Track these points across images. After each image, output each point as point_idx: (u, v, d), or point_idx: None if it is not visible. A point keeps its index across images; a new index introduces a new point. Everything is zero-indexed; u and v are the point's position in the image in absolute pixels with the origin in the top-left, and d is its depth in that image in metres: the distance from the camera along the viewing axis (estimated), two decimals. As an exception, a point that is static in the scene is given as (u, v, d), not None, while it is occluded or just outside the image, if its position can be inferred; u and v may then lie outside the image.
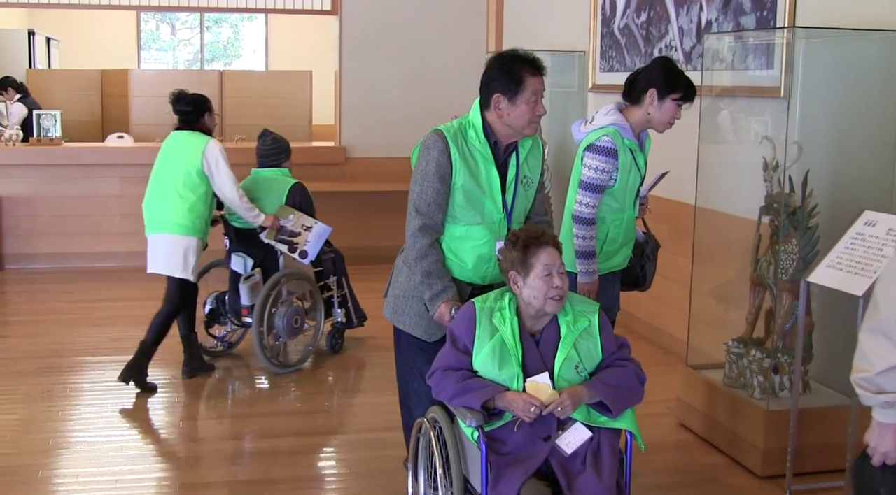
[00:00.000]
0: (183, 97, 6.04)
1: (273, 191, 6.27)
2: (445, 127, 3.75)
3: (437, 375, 3.43)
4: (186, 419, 5.48)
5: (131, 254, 9.25)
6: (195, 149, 5.88)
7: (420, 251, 3.72)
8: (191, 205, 5.86)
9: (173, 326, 6.10)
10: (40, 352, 6.68)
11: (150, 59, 18.41)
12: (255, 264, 6.27)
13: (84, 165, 9.29)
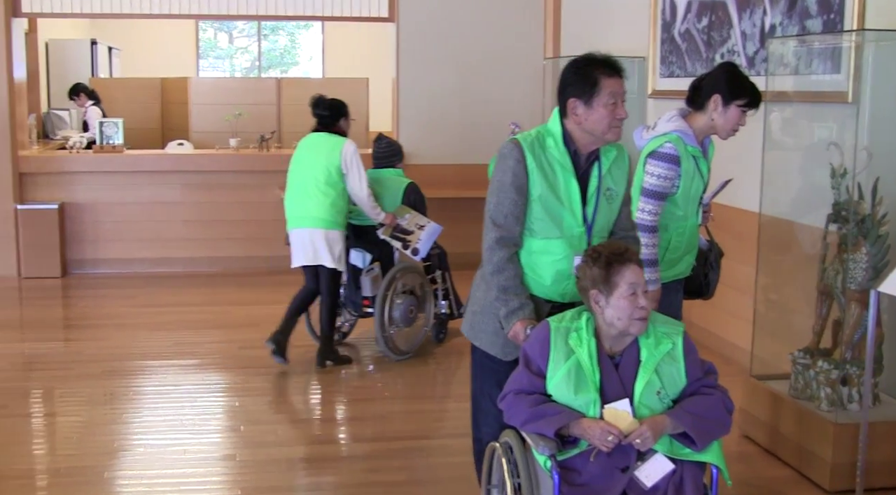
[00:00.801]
0: (322, 102, 6.48)
1: (389, 190, 6.68)
2: (522, 136, 3.58)
3: (509, 399, 3.28)
4: (247, 423, 5.50)
5: (192, 259, 9.38)
6: (334, 149, 6.31)
7: (497, 265, 3.51)
8: (332, 200, 6.28)
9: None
10: (104, 355, 6.75)
11: (207, 67, 18.61)
12: (373, 259, 6.65)
13: (145, 172, 9.40)
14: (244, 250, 9.46)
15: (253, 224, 9.44)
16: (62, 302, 8.53)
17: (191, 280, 9.06)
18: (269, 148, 9.80)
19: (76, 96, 11.49)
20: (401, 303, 6.59)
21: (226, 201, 9.42)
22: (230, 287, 8.83)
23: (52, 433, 5.55)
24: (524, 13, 9.81)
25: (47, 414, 5.91)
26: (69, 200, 9.26)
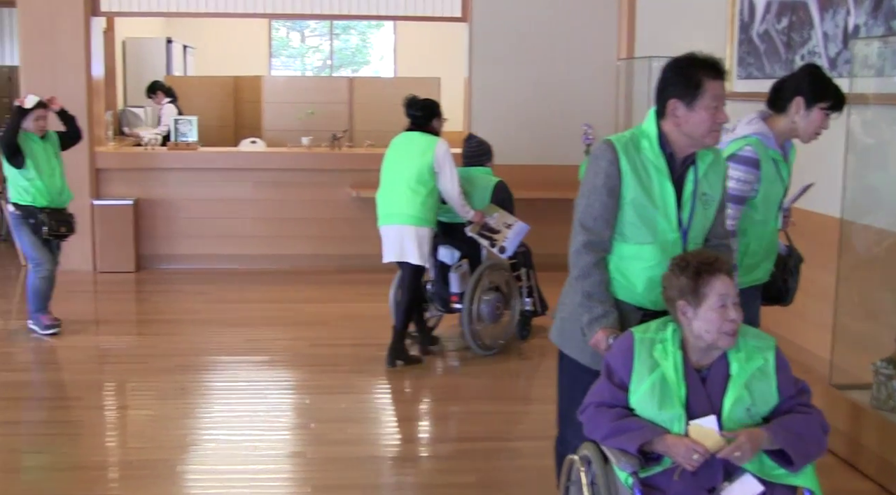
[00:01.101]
0: (415, 102, 6.60)
1: (478, 189, 6.75)
2: (616, 137, 3.48)
3: (589, 411, 3.18)
4: (318, 420, 5.51)
5: (263, 256, 9.44)
6: (427, 149, 6.38)
7: (583, 269, 3.42)
8: (423, 198, 6.35)
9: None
10: (176, 350, 6.82)
11: (279, 65, 18.75)
12: (461, 255, 6.75)
13: (218, 169, 9.48)
14: (314, 248, 9.50)
15: (323, 222, 9.48)
16: (136, 296, 8.64)
17: (261, 277, 9.13)
18: (340, 147, 9.83)
19: (154, 94, 11.65)
20: (488, 299, 6.68)
21: (297, 199, 9.47)
22: (300, 284, 8.88)
23: (124, 426, 5.62)
24: (598, 13, 9.72)
25: (120, 407, 5.98)
26: (144, 196, 9.38)
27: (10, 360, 6.82)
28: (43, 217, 6.93)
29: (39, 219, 6.92)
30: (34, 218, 6.93)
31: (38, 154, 6.93)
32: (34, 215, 6.93)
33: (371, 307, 8.05)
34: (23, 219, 6.96)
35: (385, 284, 8.53)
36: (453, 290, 6.70)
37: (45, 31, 9.15)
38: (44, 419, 5.62)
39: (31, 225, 6.94)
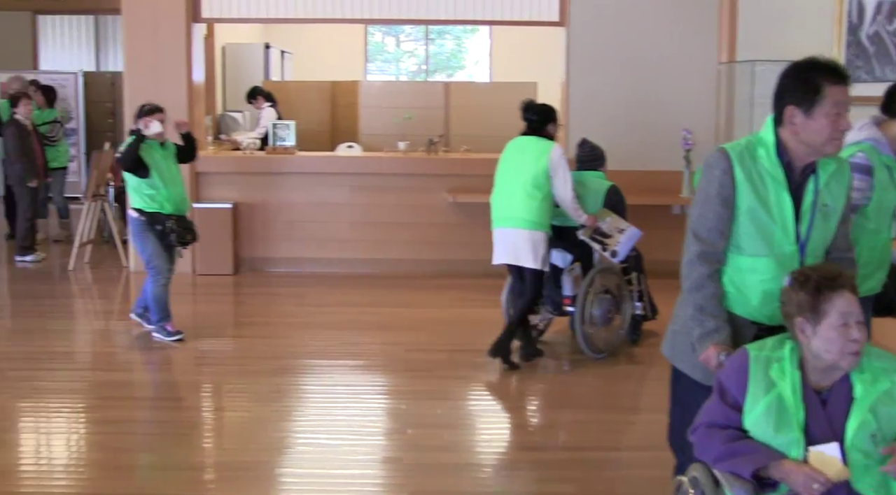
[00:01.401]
0: (532, 106, 6.65)
1: (591, 193, 6.78)
2: (731, 145, 3.36)
3: (701, 432, 3.05)
4: (414, 426, 5.50)
5: (359, 260, 9.48)
6: (542, 153, 6.43)
7: (695, 281, 3.31)
8: (538, 202, 6.40)
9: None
10: (273, 353, 6.88)
11: (374, 70, 18.87)
12: (573, 259, 6.79)
13: (316, 174, 9.55)
14: (410, 253, 9.51)
15: (419, 227, 9.49)
16: (233, 299, 8.74)
17: (357, 281, 9.17)
18: (436, 151, 9.83)
19: (254, 99, 11.80)
20: (600, 302, 6.71)
21: (393, 204, 9.49)
22: (396, 289, 8.89)
23: (222, 427, 5.67)
24: (698, 15, 9.54)
25: (217, 409, 6.05)
26: (242, 200, 9.49)
27: (112, 360, 6.96)
28: (171, 224, 6.94)
29: (167, 227, 6.93)
30: (161, 225, 6.93)
31: (160, 162, 6.93)
32: (162, 222, 6.93)
33: (467, 312, 8.04)
34: (148, 226, 6.95)
35: (480, 290, 8.61)
36: (566, 293, 6.75)
37: (148, 38, 9.32)
38: (146, 419, 5.70)
39: (158, 232, 6.94)
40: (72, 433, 5.52)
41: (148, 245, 6.99)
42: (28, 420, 5.74)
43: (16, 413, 5.78)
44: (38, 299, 8.79)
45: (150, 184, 6.88)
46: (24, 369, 6.54)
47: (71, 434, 5.51)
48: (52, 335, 7.58)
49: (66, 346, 7.32)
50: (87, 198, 9.86)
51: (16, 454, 5.17)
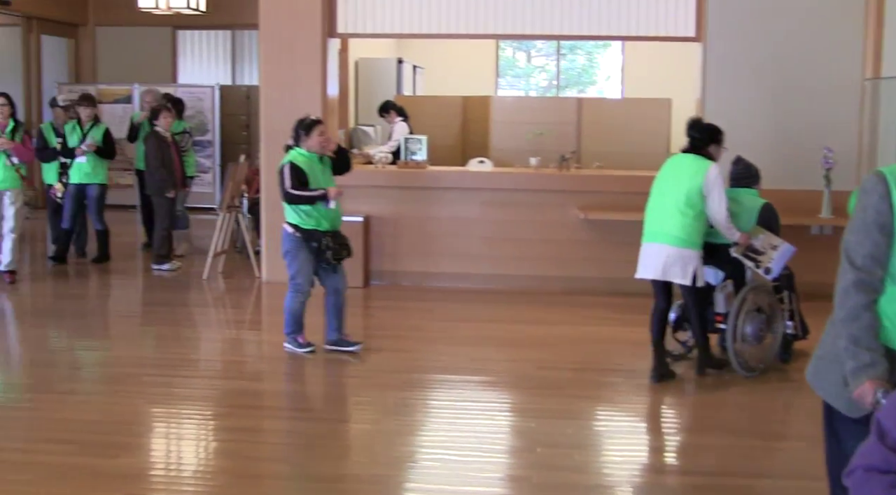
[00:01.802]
0: (697, 124, 6.68)
1: (745, 210, 6.76)
2: (889, 168, 3.13)
3: (858, 475, 2.71)
4: (543, 445, 5.40)
5: (489, 276, 9.43)
6: (698, 172, 6.42)
7: (850, 311, 3.08)
8: (690, 220, 6.39)
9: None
10: (402, 366, 6.87)
11: (505, 85, 18.88)
12: (725, 276, 6.74)
13: (447, 189, 9.54)
14: (540, 269, 9.42)
15: (550, 244, 9.39)
16: (363, 311, 8.77)
17: (487, 296, 9.12)
18: (568, 168, 9.72)
19: (386, 113, 11.89)
20: (752, 320, 6.64)
21: (524, 220, 9.41)
22: (526, 305, 8.81)
23: (348, 439, 5.67)
24: (842, 30, 9.22)
25: (344, 421, 6.04)
26: (373, 213, 9.54)
27: (243, 369, 7.05)
28: (327, 241, 6.85)
29: (324, 243, 6.84)
30: (317, 242, 6.84)
31: (319, 177, 6.85)
32: (318, 239, 6.84)
33: (597, 330, 7.92)
34: (304, 243, 6.86)
35: (611, 308, 8.51)
36: (718, 310, 6.71)
37: (284, 53, 9.46)
38: (275, 428, 5.74)
39: (314, 248, 6.86)
40: (202, 440, 5.59)
41: (297, 261, 6.92)
42: (160, 425, 5.84)
43: (149, 418, 5.90)
44: (173, 307, 8.98)
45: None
46: (158, 375, 6.67)
47: (201, 440, 5.58)
48: (186, 343, 7.74)
49: (199, 354, 7.46)
50: (222, 210, 10.04)
51: (147, 458, 5.27)
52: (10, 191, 9.27)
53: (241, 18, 15.79)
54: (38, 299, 9.10)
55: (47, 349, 7.47)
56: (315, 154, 6.90)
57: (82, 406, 6.02)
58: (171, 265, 10.25)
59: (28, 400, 6.13)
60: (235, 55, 17.15)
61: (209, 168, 15.15)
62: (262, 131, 9.65)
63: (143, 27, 16.24)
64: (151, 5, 10.74)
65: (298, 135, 6.91)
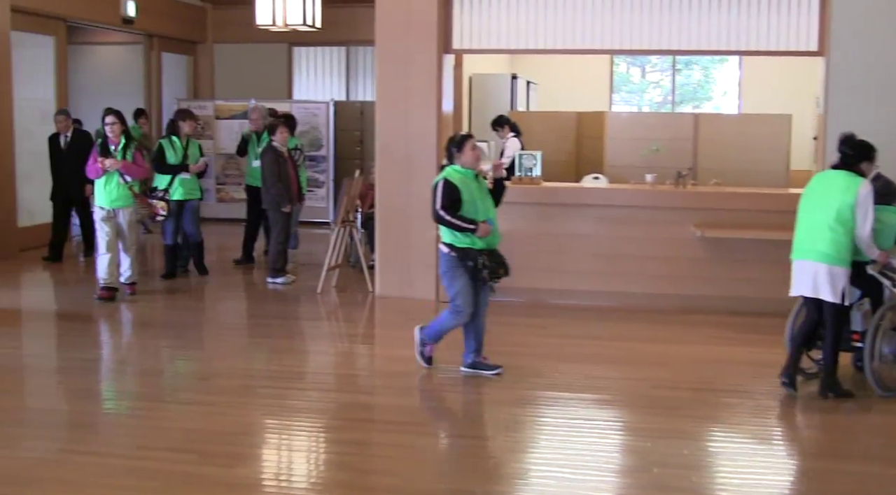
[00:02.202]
0: (849, 140, 6.58)
1: (886, 227, 6.61)
2: None
3: None
4: (660, 465, 5.30)
5: (602, 293, 9.33)
6: (850, 188, 6.36)
7: None
8: (839, 236, 6.33)
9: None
10: (514, 383, 6.80)
11: (619, 101, 18.75)
12: (862, 294, 6.65)
13: (560, 205, 9.46)
14: (655, 287, 9.27)
15: (665, 261, 9.23)
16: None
17: (599, 313, 9.01)
18: (685, 185, 9.57)
19: (499, 127, 11.89)
20: (890, 339, 6.54)
21: (639, 237, 9.28)
22: (639, 323, 8.68)
23: (460, 454, 5.63)
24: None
25: (456, 436, 6.01)
26: (486, 229, 9.51)
27: (355, 383, 7.09)
28: (483, 259, 6.71)
29: (479, 262, 6.71)
30: (473, 261, 6.70)
31: (475, 197, 6.73)
32: (474, 258, 6.70)
33: (714, 350, 7.76)
34: (460, 262, 6.73)
35: (728, 327, 8.36)
36: (854, 328, 6.63)
37: (400, 69, 9.52)
38: (388, 442, 5.74)
39: (471, 268, 6.71)
40: (315, 452, 5.64)
41: (457, 281, 6.77)
42: (274, 436, 5.90)
43: (262, 429, 5.96)
44: (288, 320, 9.10)
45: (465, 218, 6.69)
46: (272, 387, 6.75)
47: (314, 452, 5.63)
48: (300, 355, 7.84)
49: (312, 367, 7.52)
50: (337, 224, 10.13)
51: (262, 469, 5.33)
52: (123, 209, 9.38)
53: (355, 35, 16.04)
54: (154, 311, 9.30)
55: (166, 360, 7.62)
56: (471, 171, 6.79)
57: (201, 416, 6.12)
58: (285, 278, 10.38)
59: (149, 409, 6.25)
60: (350, 71, 17.37)
61: (323, 183, 15.34)
62: (376, 146, 9.72)
63: (259, 44, 16.58)
64: (268, 22, 10.90)
65: (451, 154, 6.80)
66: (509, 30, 9.56)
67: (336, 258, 10.18)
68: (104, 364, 7.54)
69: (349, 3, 15.89)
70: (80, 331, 8.48)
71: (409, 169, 9.52)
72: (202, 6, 17.02)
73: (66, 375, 7.11)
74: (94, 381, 7.06)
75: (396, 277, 9.66)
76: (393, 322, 8.91)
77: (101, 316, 8.87)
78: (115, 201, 9.31)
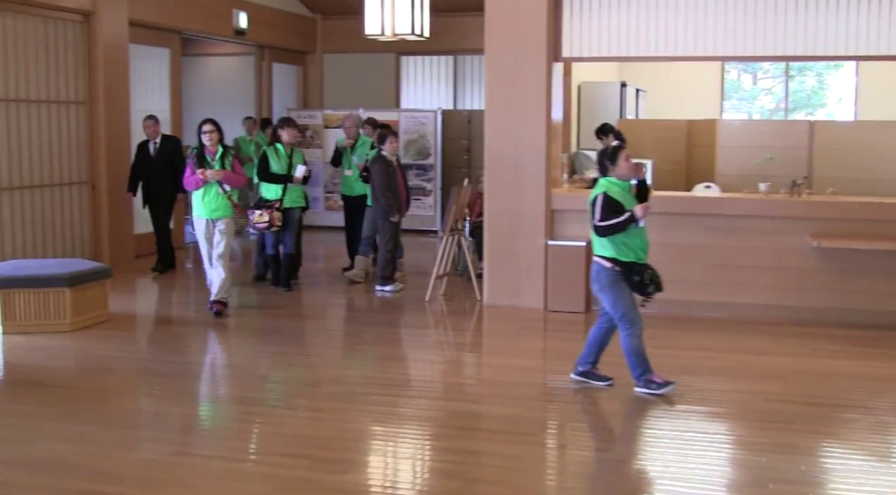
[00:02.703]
0: None
1: None
2: None
3: None
4: (776, 482, 5.14)
5: (714, 304, 9.18)
6: None
7: None
8: None
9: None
10: (623, 394, 6.73)
11: (729, 108, 18.46)
12: None
13: (671, 214, 9.31)
14: (768, 298, 9.08)
15: (778, 272, 9.03)
16: (583, 337, 8.54)
17: (711, 324, 8.85)
18: (800, 193, 9.35)
19: (604, 135, 11.80)
20: None
21: (751, 247, 9.10)
22: (752, 335, 8.49)
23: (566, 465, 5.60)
24: None
25: (563, 446, 5.96)
26: (595, 238, 9.43)
27: (461, 391, 7.08)
28: (651, 273, 6.66)
29: (646, 276, 6.63)
30: (640, 274, 6.62)
31: (631, 205, 6.61)
32: (640, 272, 6.63)
33: (830, 364, 7.57)
34: (623, 277, 6.65)
35: (844, 340, 8.19)
36: None
37: (509, 77, 9.51)
38: (495, 451, 5.70)
39: (636, 282, 6.63)
40: (423, 459, 5.65)
41: (622, 296, 6.66)
42: (384, 443, 5.93)
43: (371, 436, 6.01)
44: (396, 328, 9.17)
45: (626, 230, 6.60)
46: (381, 394, 6.79)
47: (422, 460, 5.63)
48: (408, 363, 7.89)
49: (421, 375, 7.54)
50: (445, 233, 10.16)
51: (368, 476, 5.37)
52: (222, 219, 9.18)
53: (463, 44, 16.10)
54: (264, 318, 9.44)
55: (276, 366, 7.72)
56: (627, 182, 6.68)
57: (312, 422, 6.20)
58: (394, 286, 10.44)
59: (262, 415, 6.34)
60: (457, 80, 17.42)
61: (430, 191, 15.41)
62: (486, 155, 9.71)
63: (368, 54, 16.75)
64: (377, 32, 10.98)
65: (605, 166, 6.69)
66: (619, 37, 9.47)
67: (444, 266, 10.21)
68: (216, 369, 7.69)
69: (457, 12, 15.97)
70: (191, 336, 8.66)
71: (518, 177, 9.50)
72: (312, 17, 17.26)
73: (179, 379, 7.25)
74: (207, 386, 7.21)
75: (504, 286, 9.64)
76: (501, 331, 8.90)
77: (212, 322, 9.03)
78: (215, 211, 9.16)
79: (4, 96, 10.55)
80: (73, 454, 5.61)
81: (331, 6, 16.97)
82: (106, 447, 5.73)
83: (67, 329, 8.43)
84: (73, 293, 8.41)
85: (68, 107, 11.44)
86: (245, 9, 14.77)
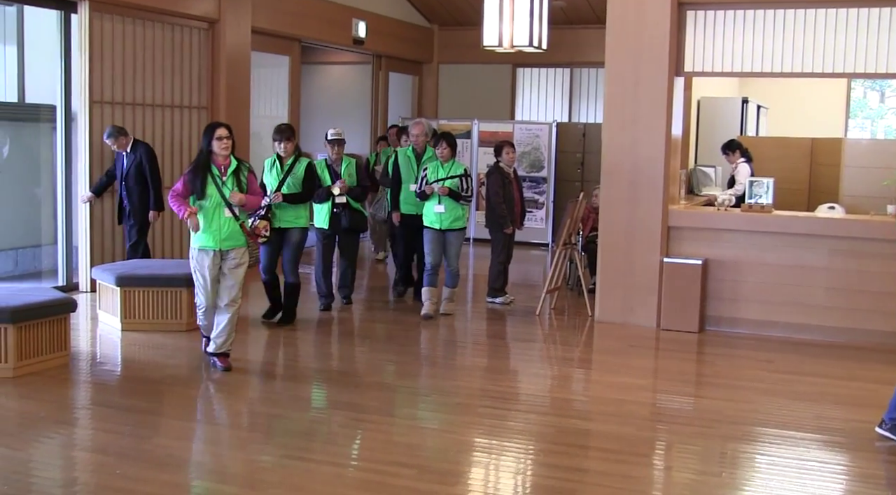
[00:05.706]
0: None
1: None
2: None
3: None
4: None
5: (836, 329, 8.89)
6: None
7: None
8: None
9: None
10: (734, 417, 6.56)
11: (854, 127, 17.94)
12: None
13: (792, 234, 9.07)
14: (891, 325, 8.75)
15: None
16: (696, 357, 8.49)
17: (831, 351, 8.57)
18: (930, 217, 9.01)
19: (730, 152, 11.56)
20: None
21: (878, 271, 8.79)
22: (876, 363, 8.19)
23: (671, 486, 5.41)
24: None
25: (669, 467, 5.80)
26: (713, 257, 9.24)
27: (569, 407, 6.98)
28: None
29: None
30: None
31: None
32: None
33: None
34: None
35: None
36: None
37: (629, 90, 9.38)
38: (600, 470, 5.58)
39: None
40: (529, 474, 5.57)
41: None
42: (493, 456, 5.86)
43: (480, 449, 5.96)
44: (505, 340, 9.11)
45: None
46: (490, 407, 6.74)
47: (526, 475, 5.56)
48: (517, 376, 7.83)
49: (530, 389, 7.46)
50: (558, 246, 10.06)
51: (474, 488, 5.29)
52: (234, 250, 7.37)
53: (580, 56, 16.00)
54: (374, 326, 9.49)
55: (388, 375, 7.72)
56: None
57: (422, 432, 6.20)
58: (504, 298, 10.38)
59: (372, 422, 6.34)
60: (573, 92, 17.30)
61: (542, 204, 15.31)
62: (602, 169, 9.58)
63: (484, 65, 16.75)
64: (495, 44, 10.92)
65: None
66: (743, 52, 9.27)
67: (556, 280, 10.11)
68: (328, 374, 7.71)
69: (575, 24, 15.87)
70: (301, 340, 8.71)
71: (635, 193, 9.35)
72: (429, 27, 17.34)
73: (292, 382, 7.32)
74: (319, 391, 7.24)
75: (617, 302, 9.50)
76: (612, 348, 8.76)
77: (322, 327, 9.09)
78: (226, 241, 7.31)
79: (132, 100, 10.81)
80: (186, 451, 5.70)
81: (449, 17, 17.02)
82: (218, 446, 5.80)
83: (184, 328, 8.58)
84: (190, 294, 8.54)
85: (191, 111, 11.66)
86: (364, 18, 14.90)
